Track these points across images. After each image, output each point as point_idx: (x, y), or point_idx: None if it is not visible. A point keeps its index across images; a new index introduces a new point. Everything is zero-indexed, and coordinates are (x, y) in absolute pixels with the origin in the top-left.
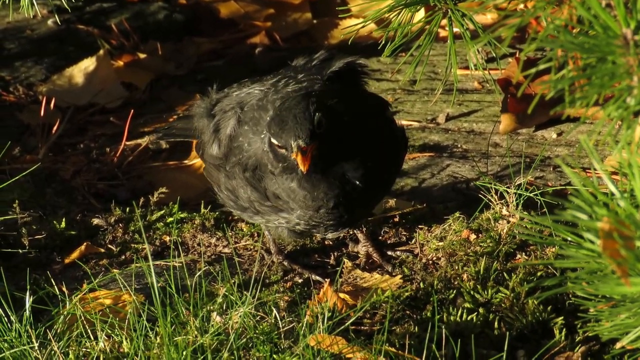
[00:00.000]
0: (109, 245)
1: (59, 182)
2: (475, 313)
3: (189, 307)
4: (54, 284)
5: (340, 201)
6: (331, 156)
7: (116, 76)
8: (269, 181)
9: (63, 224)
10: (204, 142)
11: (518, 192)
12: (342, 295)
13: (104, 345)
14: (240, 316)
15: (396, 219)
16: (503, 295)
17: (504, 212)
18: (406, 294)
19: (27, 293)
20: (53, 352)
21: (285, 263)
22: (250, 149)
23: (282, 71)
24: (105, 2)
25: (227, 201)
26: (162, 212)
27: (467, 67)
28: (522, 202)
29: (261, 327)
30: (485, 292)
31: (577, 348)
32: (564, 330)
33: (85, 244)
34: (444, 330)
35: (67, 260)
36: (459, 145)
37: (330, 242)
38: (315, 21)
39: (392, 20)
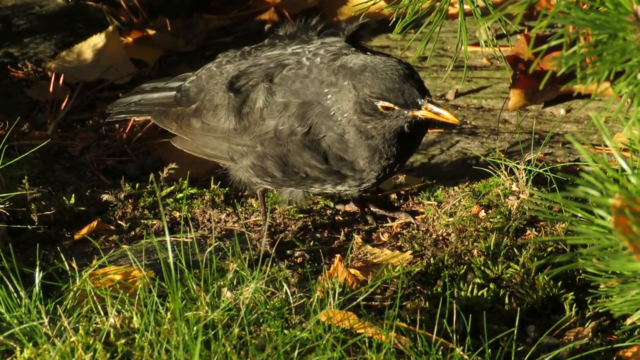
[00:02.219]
0: (119, 221)
1: (68, 158)
2: (486, 288)
3: (199, 282)
4: (63, 259)
5: (401, 154)
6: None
7: (125, 52)
8: (330, 142)
9: (72, 200)
10: (220, 118)
11: (528, 168)
12: (352, 270)
13: (114, 321)
14: (250, 292)
15: (405, 194)
16: (513, 270)
17: (514, 188)
18: (417, 269)
19: (37, 269)
20: (63, 327)
21: (272, 253)
22: (303, 115)
23: (275, 42)
24: None
25: (250, 170)
26: (172, 188)
27: (476, 44)
28: (531, 178)
29: (272, 302)
30: (496, 268)
31: (588, 324)
32: (575, 306)
33: (95, 220)
34: (454, 306)
35: (76, 236)
36: (468, 122)
37: (340, 218)
38: None
39: None
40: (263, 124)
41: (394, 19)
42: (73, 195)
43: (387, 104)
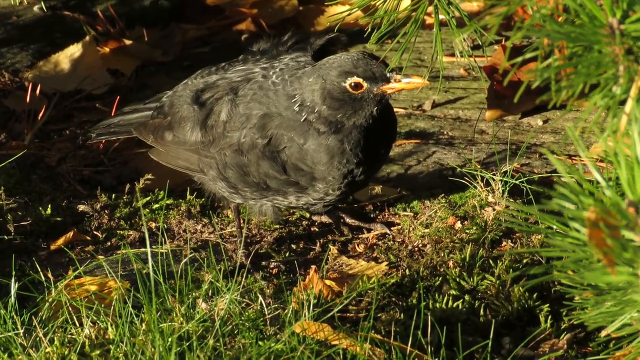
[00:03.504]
0: (95, 232)
1: (45, 168)
2: (461, 300)
3: (174, 293)
4: (39, 270)
5: (365, 157)
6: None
7: (102, 63)
8: (289, 153)
9: (49, 211)
10: (186, 130)
11: (504, 179)
12: (327, 282)
13: (90, 332)
14: (225, 303)
15: (381, 206)
16: (489, 282)
17: (490, 199)
18: (392, 281)
19: (12, 279)
20: (38, 338)
21: (247, 264)
22: (264, 126)
23: (248, 57)
24: None
25: (218, 182)
26: (148, 198)
27: (453, 55)
28: (508, 189)
29: (247, 313)
30: (471, 279)
31: (563, 335)
32: (550, 317)
33: (71, 230)
34: (429, 317)
35: (52, 247)
36: (445, 132)
37: (316, 229)
38: (301, 8)
39: (378, 8)
40: (227, 136)
41: (370, 29)
42: (49, 206)
43: (355, 79)
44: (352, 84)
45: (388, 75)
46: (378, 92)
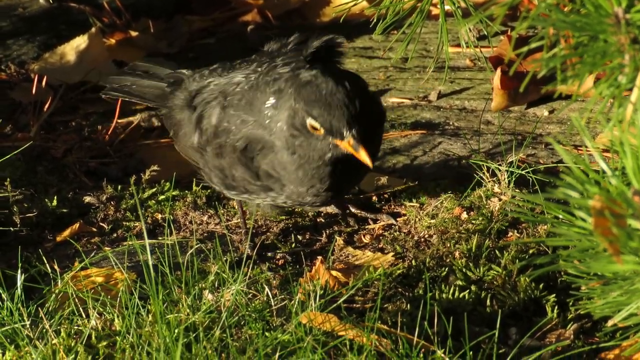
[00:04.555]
0: (101, 223)
1: (51, 160)
2: (468, 290)
3: (181, 285)
4: (45, 262)
5: (334, 181)
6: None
7: (108, 54)
8: (261, 159)
9: (54, 202)
10: (184, 132)
11: (510, 169)
12: (334, 272)
13: (96, 323)
14: (232, 294)
15: (387, 196)
16: (495, 272)
17: (496, 189)
18: (398, 271)
19: (19, 271)
20: (44, 330)
21: (253, 255)
22: (239, 130)
23: (256, 57)
24: None
25: (214, 179)
26: (154, 189)
27: (458, 45)
28: (514, 179)
29: (253, 304)
30: (477, 270)
31: (569, 326)
32: (556, 307)
33: (77, 222)
34: (436, 308)
35: (58, 238)
36: (451, 123)
37: (322, 220)
38: None
39: None
40: (218, 139)
41: (375, 20)
42: (55, 197)
43: (314, 123)
44: (311, 125)
45: (344, 133)
46: (332, 142)
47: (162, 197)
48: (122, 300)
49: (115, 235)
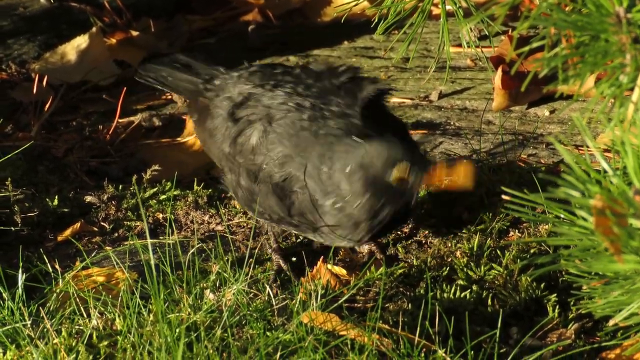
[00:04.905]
0: (102, 223)
1: (52, 159)
2: (469, 290)
3: (182, 284)
4: (46, 261)
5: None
6: None
7: (109, 54)
8: (303, 197)
9: (55, 202)
10: (217, 137)
11: (511, 169)
12: (336, 269)
13: (97, 323)
14: (233, 293)
15: None
16: (496, 272)
17: (497, 189)
18: (399, 271)
19: (20, 270)
20: (46, 329)
21: (284, 266)
22: (284, 164)
23: (300, 73)
24: None
25: (238, 193)
26: (155, 189)
27: (459, 45)
28: (515, 179)
29: (254, 304)
30: (479, 269)
31: (570, 325)
32: (557, 307)
33: (78, 221)
34: (437, 307)
35: (59, 238)
36: (452, 123)
37: None
38: None
39: None
40: (253, 159)
41: (376, 20)
42: (56, 197)
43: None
44: None
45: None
46: None
47: (164, 196)
48: (123, 300)
49: (116, 234)
